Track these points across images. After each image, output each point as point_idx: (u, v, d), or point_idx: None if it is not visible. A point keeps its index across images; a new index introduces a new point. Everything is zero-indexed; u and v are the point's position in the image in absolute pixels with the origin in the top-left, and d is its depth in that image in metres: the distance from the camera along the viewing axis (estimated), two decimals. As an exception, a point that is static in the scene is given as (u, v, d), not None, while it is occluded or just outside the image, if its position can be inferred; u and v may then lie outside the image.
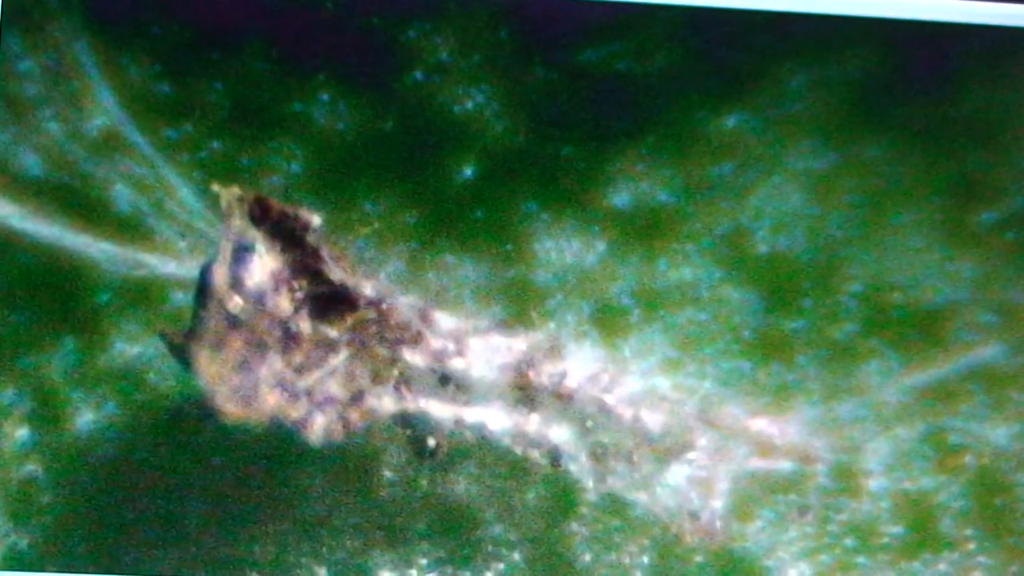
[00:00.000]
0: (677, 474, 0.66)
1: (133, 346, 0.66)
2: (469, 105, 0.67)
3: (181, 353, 0.66)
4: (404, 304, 0.66)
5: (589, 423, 0.66)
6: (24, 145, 0.66)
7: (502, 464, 0.66)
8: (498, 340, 0.66)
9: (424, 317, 0.66)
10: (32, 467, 0.65)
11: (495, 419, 0.66)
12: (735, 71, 0.68)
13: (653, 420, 0.66)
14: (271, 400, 0.66)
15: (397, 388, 0.66)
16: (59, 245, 0.66)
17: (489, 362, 0.66)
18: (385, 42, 0.67)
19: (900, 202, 0.67)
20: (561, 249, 0.67)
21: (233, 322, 0.66)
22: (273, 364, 0.66)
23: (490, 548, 0.65)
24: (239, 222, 0.66)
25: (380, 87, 0.67)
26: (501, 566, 0.65)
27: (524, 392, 0.66)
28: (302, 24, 0.67)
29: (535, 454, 0.66)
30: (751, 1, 0.68)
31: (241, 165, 0.66)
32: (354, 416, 0.66)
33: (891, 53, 0.68)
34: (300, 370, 0.66)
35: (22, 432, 0.65)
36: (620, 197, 0.67)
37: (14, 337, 0.65)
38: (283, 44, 0.66)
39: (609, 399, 0.66)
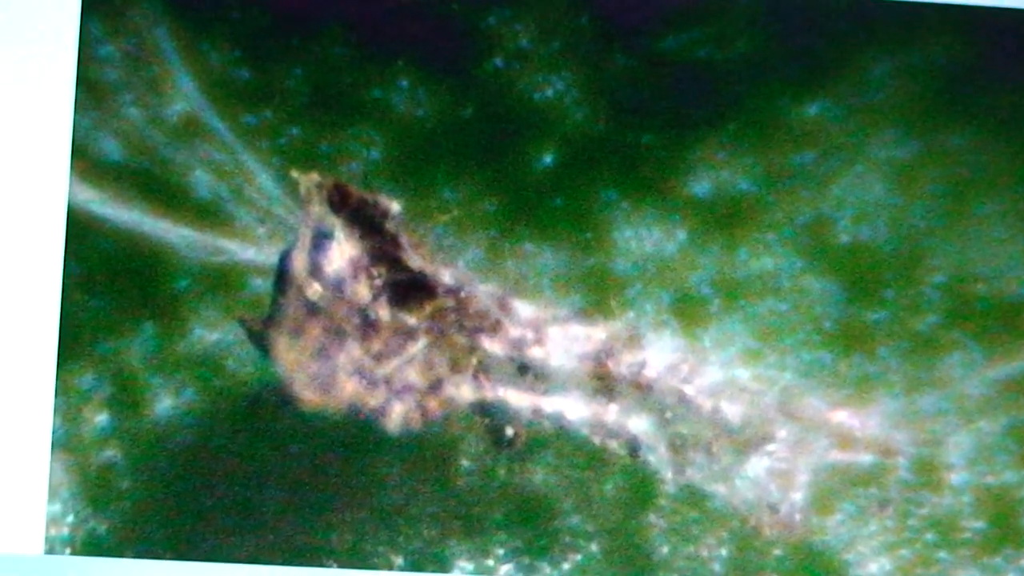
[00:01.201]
0: (756, 466, 0.66)
1: (212, 332, 0.66)
2: (549, 92, 0.66)
3: (260, 340, 0.66)
4: (483, 292, 0.66)
5: (668, 414, 0.66)
6: (104, 130, 0.66)
7: (580, 454, 0.66)
8: (577, 329, 0.66)
9: (503, 305, 0.66)
10: (111, 452, 0.65)
11: (573, 409, 0.66)
12: (817, 58, 0.67)
13: (733, 411, 0.66)
14: (349, 388, 0.66)
15: (475, 377, 0.66)
16: (139, 231, 0.66)
17: (568, 351, 0.66)
18: (465, 28, 0.66)
19: (984, 192, 0.66)
20: (641, 238, 0.66)
21: (312, 309, 0.66)
22: (351, 351, 0.66)
23: (567, 539, 0.65)
24: (318, 209, 0.66)
25: (460, 74, 0.66)
26: (578, 557, 0.65)
27: (603, 382, 0.66)
28: (381, 10, 0.66)
29: (613, 444, 0.66)
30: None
31: (320, 151, 0.66)
32: (432, 404, 0.66)
33: (976, 41, 0.67)
34: (378, 358, 0.66)
35: (101, 417, 0.65)
36: (700, 185, 0.66)
37: (94, 322, 0.65)
38: (362, 30, 0.66)
39: (688, 389, 0.66)
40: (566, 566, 0.65)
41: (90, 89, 0.66)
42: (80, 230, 0.65)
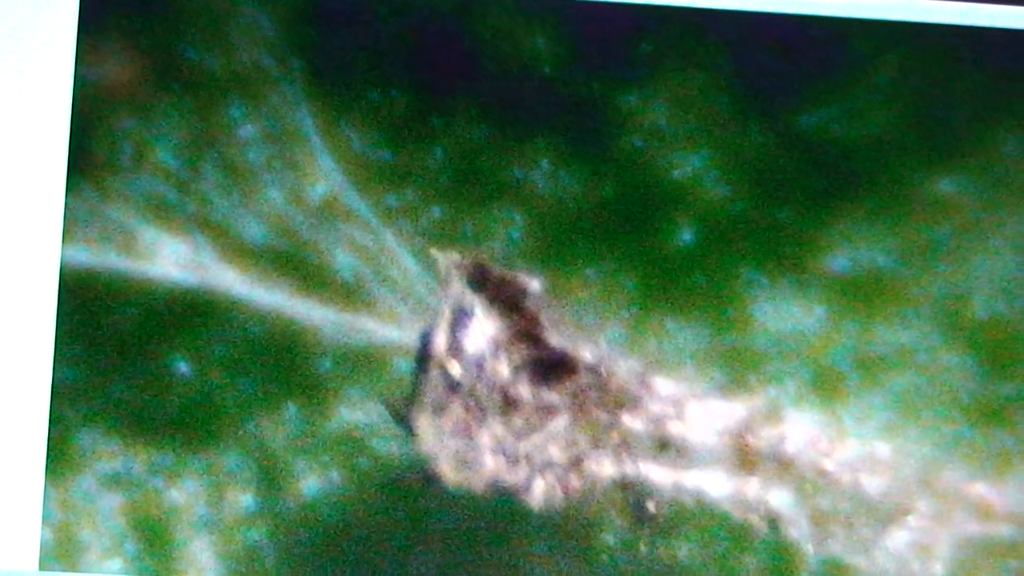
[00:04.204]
0: (897, 539, 0.66)
1: (355, 412, 0.66)
2: (687, 170, 0.67)
3: (403, 419, 0.66)
4: (623, 369, 0.67)
5: (808, 487, 0.66)
6: (246, 212, 0.66)
7: (721, 529, 0.66)
8: (717, 405, 0.67)
9: (643, 382, 0.67)
10: (256, 533, 0.66)
11: (714, 483, 0.66)
12: (951, 133, 0.67)
13: (872, 484, 0.66)
14: (491, 465, 0.66)
15: (616, 453, 0.66)
16: (281, 312, 0.66)
17: (708, 426, 0.66)
18: (603, 107, 0.67)
19: (1114, 263, 0.67)
20: (780, 313, 0.67)
21: (453, 388, 0.66)
22: (493, 429, 0.66)
23: (710, 612, 0.66)
24: (458, 288, 0.66)
25: (598, 152, 0.67)
26: (721, 630, 0.66)
27: (743, 457, 0.66)
28: (520, 89, 0.67)
29: (754, 518, 0.66)
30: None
31: (461, 231, 0.66)
32: (574, 481, 0.66)
33: (1102, 111, 0.67)
34: (520, 435, 0.66)
35: (246, 498, 0.66)
36: (838, 261, 0.67)
37: (238, 403, 0.66)
38: (502, 110, 0.66)
39: (828, 464, 0.66)
40: (706, 638, 0.66)
41: (231, 171, 0.66)
42: (224, 312, 0.65)
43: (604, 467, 0.66)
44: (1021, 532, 0.66)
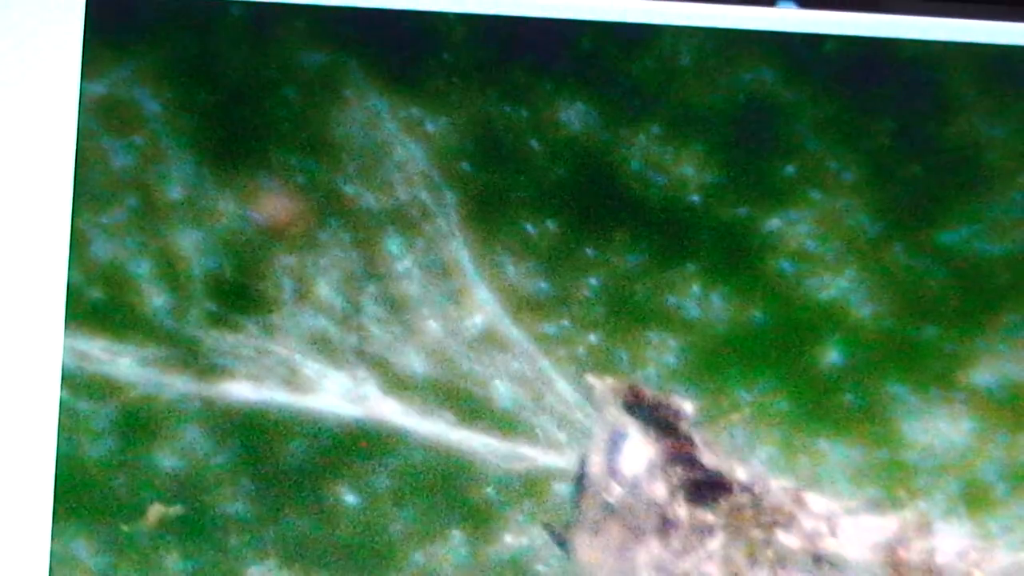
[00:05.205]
0: (1048, 646, 0.68)
1: (519, 538, 0.67)
2: (833, 291, 0.68)
3: (564, 543, 0.68)
4: (777, 487, 0.68)
5: (960, 598, 0.68)
6: (407, 344, 0.68)
7: (877, 640, 0.68)
8: (869, 520, 0.68)
9: (797, 499, 0.68)
10: (425, 658, 0.67)
11: (868, 597, 0.68)
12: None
13: (1023, 594, 0.68)
14: (650, 584, 0.68)
15: (772, 569, 0.68)
16: (444, 441, 0.67)
17: (860, 541, 0.68)
18: (749, 232, 0.68)
19: None
20: (928, 429, 0.68)
21: (611, 510, 0.68)
22: (651, 549, 0.68)
23: None
24: (614, 412, 0.68)
25: (747, 276, 0.68)
26: None
27: (895, 569, 0.68)
28: (669, 217, 0.68)
29: (908, 630, 0.68)
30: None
31: (616, 357, 0.68)
32: (731, 598, 0.68)
33: None
34: (678, 554, 0.68)
35: (413, 624, 0.67)
36: (983, 376, 0.68)
37: (405, 532, 0.67)
38: (652, 238, 0.68)
39: (978, 574, 0.68)
40: None
41: (391, 304, 0.68)
42: (389, 441, 0.67)
43: (760, 583, 0.68)
44: None
